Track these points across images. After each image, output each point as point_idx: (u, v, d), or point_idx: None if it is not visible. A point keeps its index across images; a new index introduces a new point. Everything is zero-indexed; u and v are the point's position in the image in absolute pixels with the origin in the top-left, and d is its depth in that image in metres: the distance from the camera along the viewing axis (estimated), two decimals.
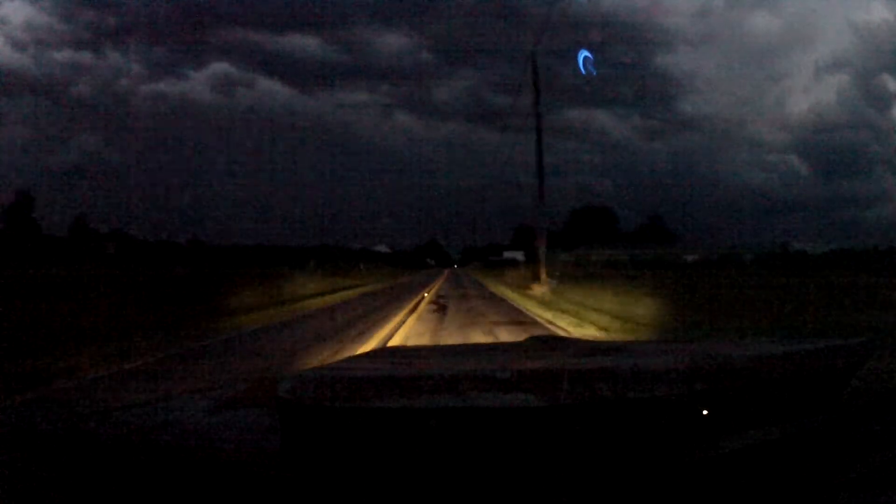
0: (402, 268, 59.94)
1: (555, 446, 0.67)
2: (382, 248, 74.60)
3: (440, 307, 14.13)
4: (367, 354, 1.44)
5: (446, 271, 64.60)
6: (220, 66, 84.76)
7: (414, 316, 11.60)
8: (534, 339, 1.74)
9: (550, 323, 10.40)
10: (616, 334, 8.58)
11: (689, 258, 48.29)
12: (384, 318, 10.88)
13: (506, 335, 8.38)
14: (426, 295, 18.68)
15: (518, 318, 11.60)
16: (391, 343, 7.29)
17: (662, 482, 0.65)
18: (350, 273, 28.47)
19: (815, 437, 0.76)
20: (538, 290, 17.94)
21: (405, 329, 9.27)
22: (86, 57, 75.63)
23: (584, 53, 14.05)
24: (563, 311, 12.45)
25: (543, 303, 15.18)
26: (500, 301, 17.28)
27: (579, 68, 14.09)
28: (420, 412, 0.72)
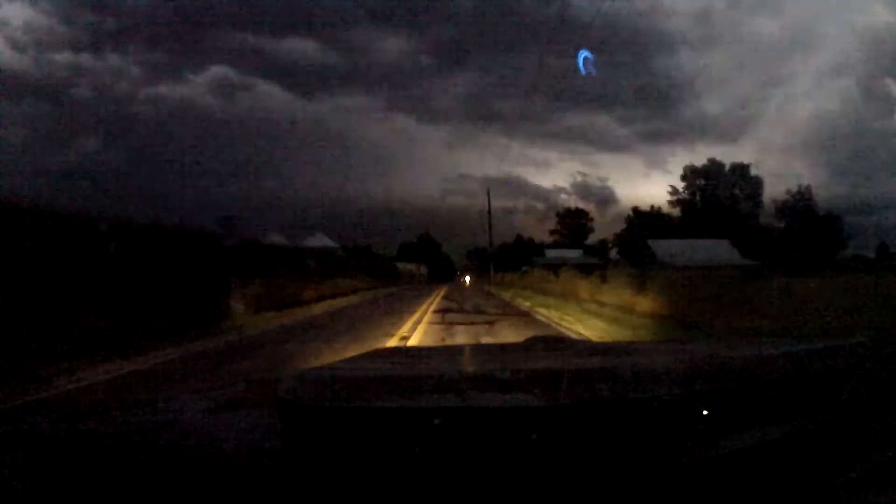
0: (329, 279, 22.50)
1: (555, 446, 0.66)
2: (318, 242, 43.59)
3: None
4: (367, 354, 1.44)
5: (439, 294, 23.39)
6: (219, 70, 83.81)
7: None
8: (534, 340, 1.74)
9: None
10: None
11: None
12: None
13: None
14: None
15: None
16: None
17: (663, 482, 0.65)
18: None
19: (815, 437, 0.76)
20: None
21: None
22: (85, 59, 75.40)
23: (584, 53, 13.90)
24: None
25: None
26: None
27: (580, 68, 13.72)
28: (420, 412, 0.72)
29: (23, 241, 7.24)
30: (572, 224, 59.05)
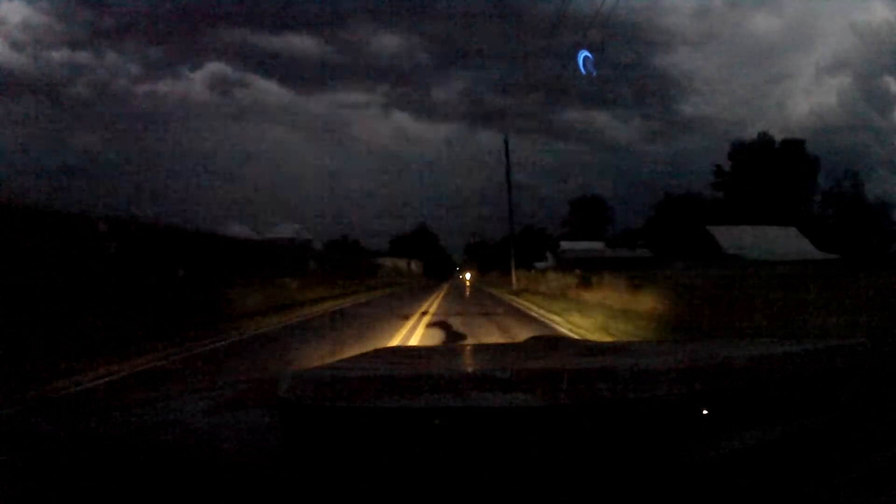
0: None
1: (555, 446, 0.67)
2: (287, 233, 37.02)
3: None
4: (367, 354, 1.44)
5: (437, 299, 18.33)
6: (216, 66, 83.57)
7: None
8: (534, 340, 1.74)
9: None
10: None
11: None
12: None
13: None
14: None
15: None
16: None
17: (662, 482, 0.65)
18: None
19: (815, 437, 0.76)
20: None
21: None
22: (83, 57, 75.51)
23: (583, 53, 13.88)
24: None
25: None
26: None
27: (580, 68, 13.65)
28: (420, 412, 0.72)
29: (22, 240, 7.23)
30: (588, 214, 52.06)
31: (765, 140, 38.97)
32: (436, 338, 8.74)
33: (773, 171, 35.92)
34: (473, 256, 60.09)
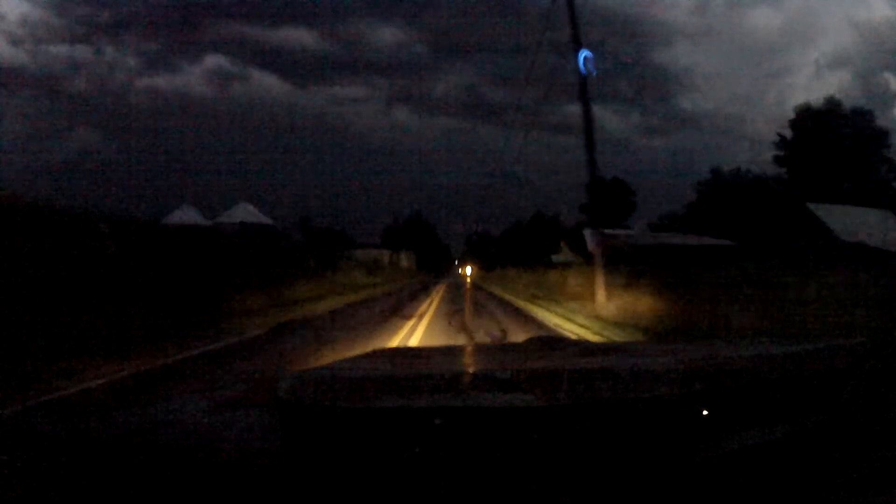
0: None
1: (555, 446, 0.67)
2: (239, 217, 31.61)
3: None
4: (367, 354, 1.44)
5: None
6: (215, 60, 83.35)
7: None
8: (534, 340, 1.74)
9: None
10: None
11: None
12: None
13: None
14: None
15: None
16: None
17: (663, 482, 0.65)
18: None
19: (815, 437, 0.76)
20: None
21: None
22: (81, 51, 75.54)
23: (584, 53, 13.77)
24: None
25: None
26: None
27: (580, 68, 13.64)
28: (420, 412, 0.72)
29: (22, 239, 7.22)
30: (609, 199, 46.28)
31: (832, 107, 31.09)
32: None
33: (841, 143, 29.10)
34: (475, 251, 52.24)
